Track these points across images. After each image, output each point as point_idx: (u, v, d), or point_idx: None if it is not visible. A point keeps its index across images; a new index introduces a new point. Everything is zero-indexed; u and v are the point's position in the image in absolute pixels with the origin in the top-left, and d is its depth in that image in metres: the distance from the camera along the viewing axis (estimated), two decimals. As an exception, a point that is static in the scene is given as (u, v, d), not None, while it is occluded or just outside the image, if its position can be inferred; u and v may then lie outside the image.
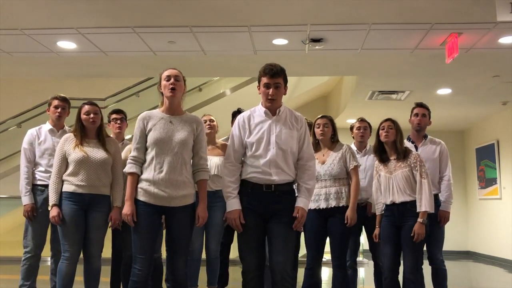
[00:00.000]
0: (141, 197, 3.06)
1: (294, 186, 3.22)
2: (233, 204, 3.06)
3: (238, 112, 4.70)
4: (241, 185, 3.11)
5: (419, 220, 3.65)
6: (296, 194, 3.20)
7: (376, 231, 3.95)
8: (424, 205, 3.66)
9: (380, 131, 3.90)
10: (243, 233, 3.06)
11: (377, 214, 3.95)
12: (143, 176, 3.09)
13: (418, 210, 3.68)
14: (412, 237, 3.66)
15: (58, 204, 3.49)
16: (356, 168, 3.95)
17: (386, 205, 3.84)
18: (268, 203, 3.03)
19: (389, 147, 3.88)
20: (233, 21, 4.94)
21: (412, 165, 3.76)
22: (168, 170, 3.05)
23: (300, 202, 3.07)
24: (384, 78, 7.02)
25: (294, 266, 3.91)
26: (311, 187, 3.14)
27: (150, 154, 3.10)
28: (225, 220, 4.18)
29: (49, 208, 3.51)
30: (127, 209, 3.03)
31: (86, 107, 3.64)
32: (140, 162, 3.12)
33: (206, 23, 4.99)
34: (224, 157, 3.24)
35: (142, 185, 3.07)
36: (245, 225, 3.03)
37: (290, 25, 5.00)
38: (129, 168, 3.11)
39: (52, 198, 3.50)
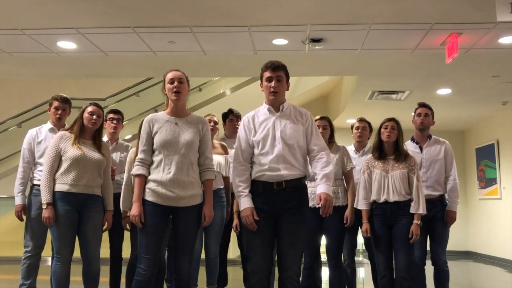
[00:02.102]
0: (149, 198, 3.08)
1: (307, 182, 3.21)
2: (245, 202, 3.05)
3: (230, 112, 4.73)
4: (252, 185, 3.10)
5: (416, 222, 3.69)
6: (316, 183, 3.14)
7: (366, 226, 3.86)
8: (422, 208, 3.71)
9: (382, 130, 3.90)
10: (252, 233, 3.04)
11: (363, 209, 3.90)
12: (151, 177, 3.11)
13: (414, 212, 3.71)
14: (404, 236, 3.69)
15: (53, 204, 3.44)
16: (352, 170, 4.07)
17: (378, 203, 3.83)
18: (280, 201, 3.02)
19: (388, 146, 3.88)
20: (233, 21, 4.94)
21: (410, 167, 3.79)
22: (176, 171, 3.07)
23: (320, 188, 3.03)
24: (384, 78, 7.02)
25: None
26: (329, 172, 3.07)
27: (158, 156, 3.12)
28: (227, 219, 4.22)
29: (43, 207, 3.43)
30: (135, 210, 3.05)
31: (91, 108, 3.65)
32: (147, 164, 3.15)
33: (206, 23, 4.99)
34: (233, 159, 3.24)
35: (150, 185, 3.09)
36: (256, 225, 3.01)
37: (290, 25, 5.00)
38: (136, 170, 3.13)
39: (46, 197, 3.43)
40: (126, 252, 4.00)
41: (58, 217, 3.43)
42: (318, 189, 3.05)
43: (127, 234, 3.89)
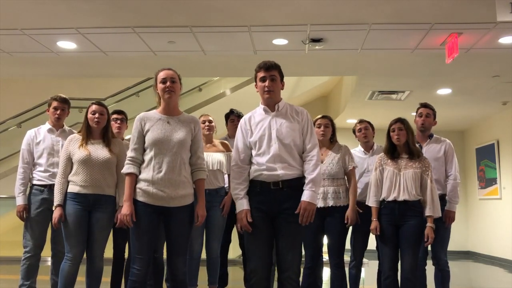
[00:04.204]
0: (140, 198, 3.07)
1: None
2: (242, 204, 3.06)
3: (231, 113, 4.75)
4: (250, 185, 3.11)
5: (430, 224, 3.70)
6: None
7: (376, 224, 3.83)
8: (437, 211, 3.73)
9: (391, 134, 3.89)
10: (251, 234, 3.04)
11: (373, 206, 3.89)
12: (142, 176, 3.09)
13: (428, 214, 3.71)
14: (412, 237, 3.68)
15: (63, 205, 3.49)
16: (354, 169, 4.04)
17: (386, 202, 3.82)
18: (277, 201, 3.02)
19: (400, 147, 3.88)
20: (233, 21, 4.94)
21: (424, 168, 3.78)
22: (167, 170, 3.06)
23: (304, 195, 3.01)
24: (384, 78, 7.02)
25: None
26: (316, 176, 3.04)
27: (149, 154, 3.11)
28: (223, 216, 4.21)
29: (53, 208, 3.51)
30: (126, 209, 3.04)
31: (93, 107, 3.66)
32: (138, 162, 3.13)
33: (206, 23, 4.99)
34: (231, 160, 3.25)
35: (141, 185, 3.08)
36: (254, 225, 3.02)
37: (290, 25, 4.99)
38: (126, 168, 3.12)
39: (57, 199, 3.50)
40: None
41: (68, 216, 3.47)
42: (302, 196, 3.02)
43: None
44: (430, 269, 4.14)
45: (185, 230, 3.15)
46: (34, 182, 3.97)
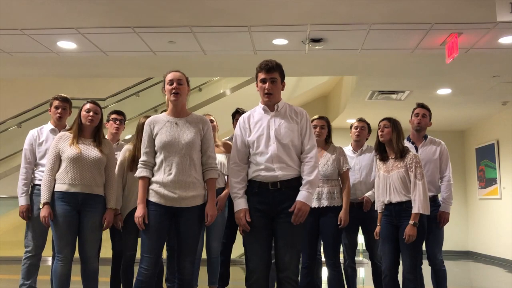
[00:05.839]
0: (152, 198, 3.11)
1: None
2: (240, 203, 3.07)
3: (237, 112, 4.73)
4: (249, 185, 3.12)
5: (410, 222, 3.63)
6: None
7: (377, 229, 3.93)
8: (418, 207, 3.63)
9: (378, 131, 3.92)
10: (249, 233, 3.05)
11: (378, 211, 3.94)
12: (154, 179, 3.13)
13: (412, 211, 3.68)
14: None
15: (51, 204, 3.46)
16: (348, 171, 4.07)
17: (385, 204, 3.85)
18: (276, 201, 3.02)
19: (387, 146, 3.88)
20: (233, 21, 4.94)
21: (408, 165, 3.74)
22: (177, 172, 3.08)
23: (299, 196, 3.01)
24: (384, 78, 7.02)
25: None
26: (313, 179, 3.04)
27: (159, 157, 3.14)
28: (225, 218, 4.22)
29: (40, 206, 3.47)
30: (139, 211, 3.07)
31: (88, 105, 3.66)
32: (150, 166, 3.16)
33: (206, 23, 4.99)
34: (230, 159, 3.26)
35: (153, 187, 3.12)
36: (252, 225, 3.03)
37: (290, 25, 5.00)
38: (139, 172, 3.16)
39: (44, 196, 3.46)
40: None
41: (57, 216, 3.44)
42: (298, 196, 3.02)
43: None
44: (427, 269, 4.14)
45: (195, 230, 3.16)
46: (36, 182, 3.96)
